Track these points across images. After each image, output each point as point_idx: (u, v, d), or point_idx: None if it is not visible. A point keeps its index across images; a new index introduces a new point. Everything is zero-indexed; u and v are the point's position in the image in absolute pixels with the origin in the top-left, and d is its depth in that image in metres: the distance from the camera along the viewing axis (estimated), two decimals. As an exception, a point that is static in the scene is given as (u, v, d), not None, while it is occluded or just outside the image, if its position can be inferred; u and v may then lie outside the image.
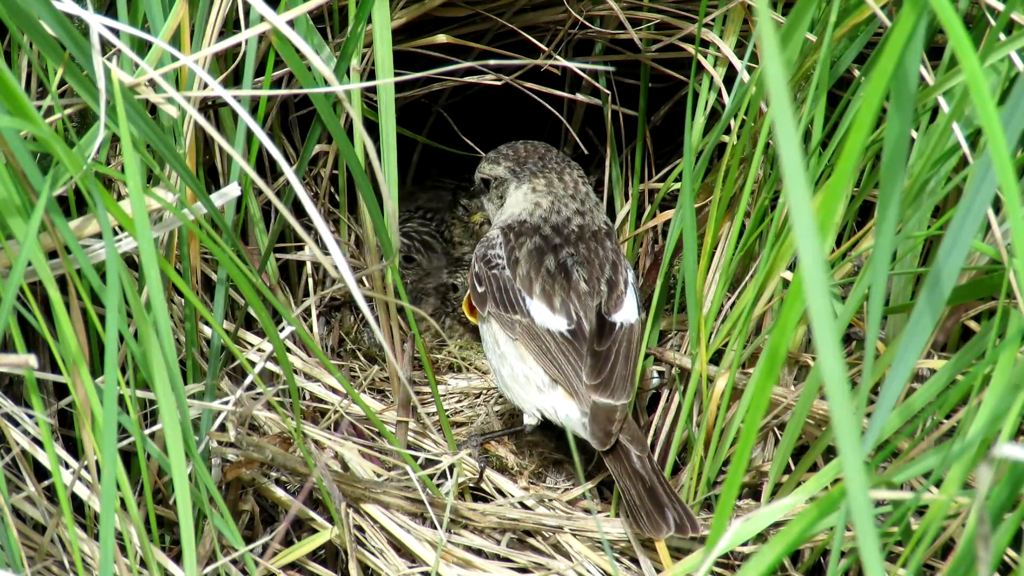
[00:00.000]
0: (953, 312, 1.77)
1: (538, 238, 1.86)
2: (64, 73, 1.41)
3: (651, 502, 1.66)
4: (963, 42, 1.11)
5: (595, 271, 1.83)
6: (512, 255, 1.85)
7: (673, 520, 1.64)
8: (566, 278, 1.81)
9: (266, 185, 1.39)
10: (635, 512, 1.66)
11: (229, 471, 1.71)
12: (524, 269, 1.83)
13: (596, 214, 1.92)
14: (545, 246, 1.85)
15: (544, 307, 1.79)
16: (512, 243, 1.86)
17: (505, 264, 1.84)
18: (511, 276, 1.83)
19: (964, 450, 1.29)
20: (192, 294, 1.56)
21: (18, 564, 1.51)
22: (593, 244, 1.86)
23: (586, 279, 1.81)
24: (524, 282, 1.82)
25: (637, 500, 1.66)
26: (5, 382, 1.70)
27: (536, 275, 1.82)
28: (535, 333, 1.78)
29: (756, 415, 1.21)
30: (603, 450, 1.69)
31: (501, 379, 1.82)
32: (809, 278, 1.02)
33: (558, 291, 1.80)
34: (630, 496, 1.67)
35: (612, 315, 1.79)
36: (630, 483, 1.68)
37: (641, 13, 1.97)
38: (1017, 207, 1.11)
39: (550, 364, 1.76)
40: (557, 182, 1.93)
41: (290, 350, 1.89)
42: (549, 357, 1.76)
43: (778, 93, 1.00)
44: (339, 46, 1.79)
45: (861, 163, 1.71)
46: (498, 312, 1.81)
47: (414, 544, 1.73)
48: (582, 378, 1.74)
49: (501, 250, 1.86)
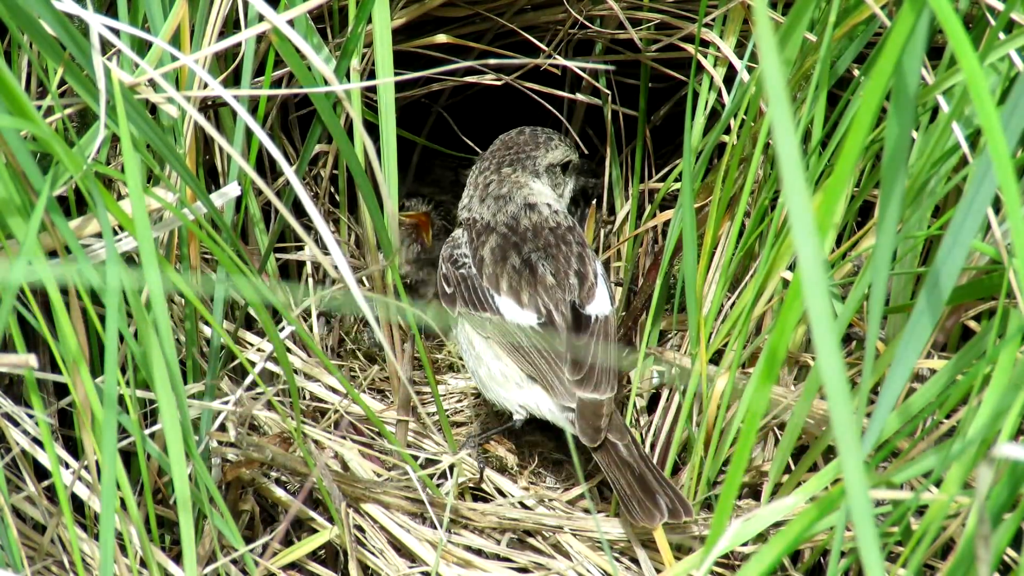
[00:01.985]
0: (953, 312, 1.77)
1: (496, 236, 1.88)
2: (64, 73, 1.41)
3: (642, 490, 1.66)
4: (962, 42, 1.11)
5: (561, 265, 1.83)
6: (476, 254, 1.85)
7: (665, 505, 1.65)
8: (531, 273, 1.82)
9: (266, 185, 1.39)
10: (627, 502, 1.66)
11: (229, 471, 1.71)
12: (490, 268, 1.83)
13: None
14: (506, 244, 1.86)
15: (512, 303, 1.80)
16: (475, 242, 1.87)
17: (472, 267, 1.85)
18: (478, 275, 1.83)
19: (964, 450, 1.29)
20: (192, 294, 1.56)
21: (18, 564, 1.51)
22: (552, 239, 1.87)
23: (553, 273, 1.82)
24: (491, 280, 1.82)
25: (627, 489, 1.66)
26: (5, 382, 1.70)
27: (502, 272, 1.83)
28: (506, 330, 1.78)
29: (756, 415, 1.22)
30: (593, 446, 1.70)
31: (480, 380, 1.83)
32: (809, 278, 1.03)
33: (524, 287, 1.81)
34: (620, 486, 1.67)
35: (586, 307, 1.80)
36: (619, 473, 1.68)
37: (641, 13, 1.97)
38: (1017, 207, 1.11)
39: (524, 360, 1.76)
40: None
41: (290, 350, 1.89)
42: (522, 352, 1.76)
43: (777, 93, 1.00)
44: (339, 46, 1.79)
45: (861, 163, 1.71)
46: (468, 312, 1.82)
47: (414, 544, 1.73)
48: (563, 373, 1.74)
49: (466, 248, 1.87)
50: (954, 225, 1.21)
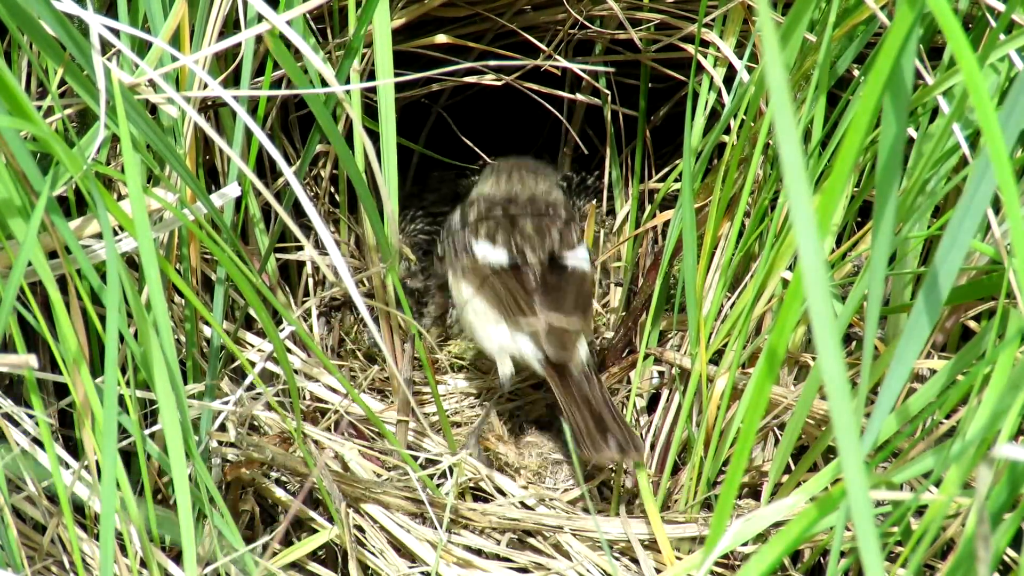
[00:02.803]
0: (953, 312, 1.77)
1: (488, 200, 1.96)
2: (64, 73, 1.42)
3: (596, 427, 1.69)
4: (960, 42, 1.11)
5: (545, 223, 1.90)
6: (466, 218, 1.93)
7: (616, 443, 1.68)
8: (511, 224, 1.89)
9: (265, 187, 1.39)
10: (578, 436, 1.69)
11: (229, 471, 1.71)
12: (472, 221, 1.91)
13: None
14: (494, 204, 1.94)
15: (487, 245, 1.86)
16: (466, 209, 1.96)
17: (460, 227, 1.93)
18: (461, 229, 1.91)
19: (964, 450, 1.29)
20: (192, 294, 1.56)
21: (18, 564, 1.51)
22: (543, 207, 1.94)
23: (534, 227, 1.88)
24: (471, 228, 1.89)
25: (582, 424, 1.70)
26: (5, 382, 1.70)
27: (483, 221, 1.90)
28: (479, 270, 1.84)
29: (756, 415, 1.22)
30: (557, 364, 1.73)
31: (468, 324, 1.87)
32: (809, 278, 1.03)
33: (501, 232, 1.88)
34: (575, 420, 1.70)
35: (565, 258, 1.87)
36: (576, 409, 1.71)
37: (641, 13, 1.97)
38: (1016, 207, 1.12)
39: (496, 297, 1.81)
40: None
41: (290, 350, 1.89)
42: (495, 288, 1.81)
43: (778, 92, 1.00)
44: (339, 46, 1.79)
45: (861, 163, 1.71)
46: (452, 260, 1.89)
47: (414, 544, 1.73)
48: (535, 302, 1.79)
49: (457, 215, 1.96)
50: (953, 225, 1.21)
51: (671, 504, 1.80)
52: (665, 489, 1.80)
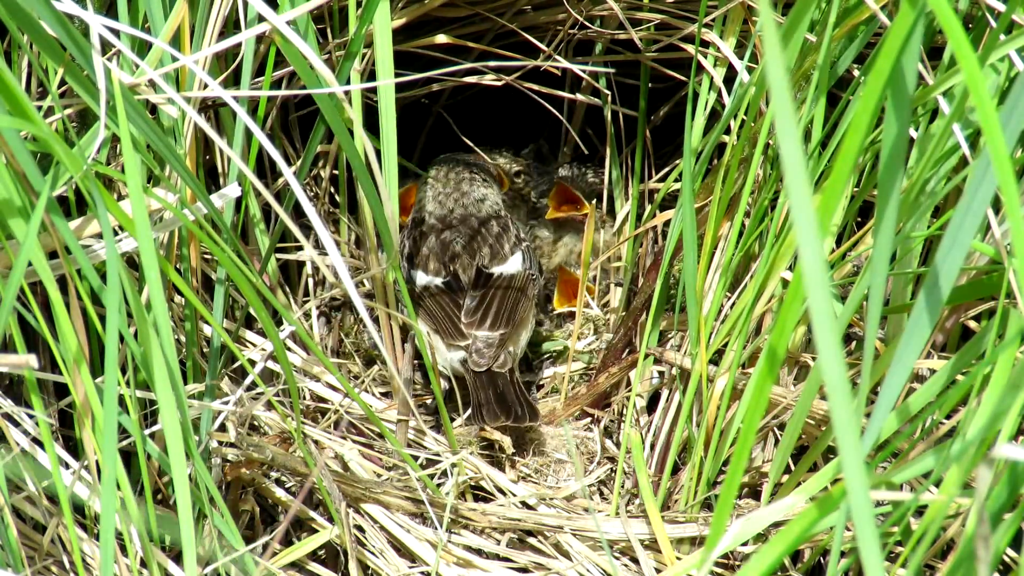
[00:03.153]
0: (953, 312, 1.77)
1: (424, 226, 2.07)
2: (64, 73, 1.42)
3: (496, 402, 1.80)
4: (961, 42, 1.11)
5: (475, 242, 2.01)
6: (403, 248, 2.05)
7: (513, 413, 1.79)
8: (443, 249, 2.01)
9: (265, 187, 1.39)
10: (476, 409, 1.81)
11: (229, 471, 1.71)
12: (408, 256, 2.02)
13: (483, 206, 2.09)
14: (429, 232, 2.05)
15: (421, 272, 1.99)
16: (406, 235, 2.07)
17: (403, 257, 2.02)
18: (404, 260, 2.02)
19: (964, 450, 1.29)
20: (192, 294, 1.56)
21: (18, 564, 1.51)
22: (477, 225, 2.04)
23: (464, 246, 2.01)
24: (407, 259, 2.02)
25: (482, 398, 1.82)
26: (5, 382, 1.70)
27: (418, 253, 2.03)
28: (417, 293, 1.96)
29: (756, 415, 1.22)
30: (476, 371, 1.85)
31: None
32: (809, 278, 1.03)
33: (433, 261, 2.00)
34: (477, 397, 1.82)
35: (491, 268, 1.97)
36: (482, 391, 1.84)
37: (641, 13, 1.97)
38: (1016, 207, 1.12)
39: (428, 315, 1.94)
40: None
41: (290, 349, 1.89)
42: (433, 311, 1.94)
43: (779, 92, 1.00)
44: (339, 46, 1.79)
45: (861, 163, 1.71)
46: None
47: (414, 544, 1.73)
48: (459, 319, 1.92)
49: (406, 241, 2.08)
50: (953, 225, 1.21)
51: (671, 504, 1.80)
52: (665, 489, 1.80)
